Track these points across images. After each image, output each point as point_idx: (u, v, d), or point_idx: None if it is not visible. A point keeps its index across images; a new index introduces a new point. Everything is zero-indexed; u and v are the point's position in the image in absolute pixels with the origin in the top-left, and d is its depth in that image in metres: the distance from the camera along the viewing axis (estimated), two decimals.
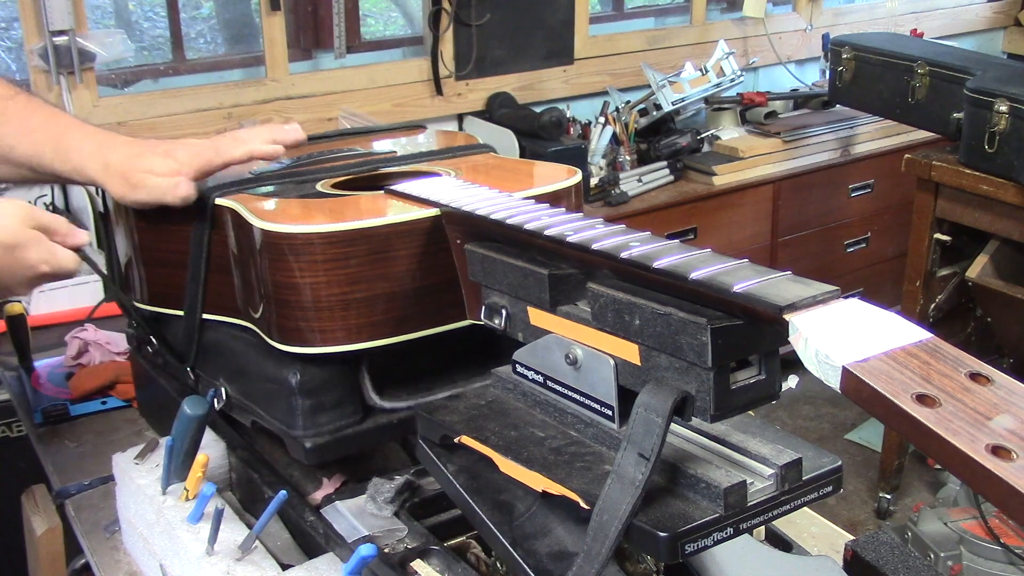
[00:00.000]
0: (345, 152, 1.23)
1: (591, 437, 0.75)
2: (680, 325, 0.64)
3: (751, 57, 3.70)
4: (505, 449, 0.76)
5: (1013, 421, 0.46)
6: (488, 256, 0.82)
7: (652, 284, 0.68)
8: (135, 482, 1.04)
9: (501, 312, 0.83)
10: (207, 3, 3.15)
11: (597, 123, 3.15)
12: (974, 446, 0.44)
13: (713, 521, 0.65)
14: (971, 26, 4.42)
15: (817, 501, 0.71)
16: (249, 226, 0.94)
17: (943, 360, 0.51)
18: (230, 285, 1.03)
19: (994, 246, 2.47)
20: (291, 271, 0.91)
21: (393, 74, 3.07)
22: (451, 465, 0.82)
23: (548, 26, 3.29)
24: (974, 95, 2.26)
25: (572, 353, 0.74)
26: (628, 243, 0.70)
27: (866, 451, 3.09)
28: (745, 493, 0.66)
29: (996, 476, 0.43)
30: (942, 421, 0.46)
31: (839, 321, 0.56)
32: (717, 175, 3.17)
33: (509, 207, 0.84)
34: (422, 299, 0.93)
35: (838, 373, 0.52)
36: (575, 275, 0.76)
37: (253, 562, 0.92)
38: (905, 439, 0.48)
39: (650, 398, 0.66)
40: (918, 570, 0.98)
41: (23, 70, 2.62)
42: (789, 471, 0.69)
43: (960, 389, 0.48)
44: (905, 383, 0.49)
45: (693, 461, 0.69)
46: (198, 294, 1.06)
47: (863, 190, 3.53)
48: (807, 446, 0.71)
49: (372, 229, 0.91)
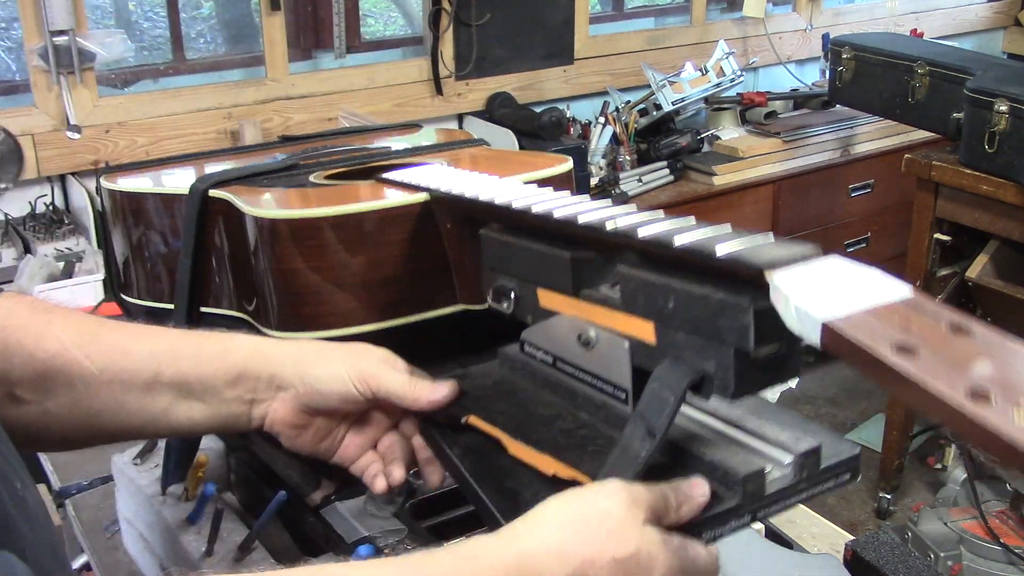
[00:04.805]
0: (339, 148, 1.23)
1: (603, 420, 0.73)
2: (719, 307, 0.62)
3: (751, 57, 3.70)
4: (514, 431, 0.74)
5: (993, 368, 0.46)
6: (505, 241, 0.81)
7: (648, 257, 0.67)
8: (135, 482, 1.04)
9: (509, 295, 0.81)
10: (207, 3, 3.15)
11: (597, 123, 3.15)
12: (954, 391, 0.44)
13: (732, 509, 0.64)
14: (971, 26, 4.42)
15: (836, 489, 0.69)
16: (240, 214, 0.94)
17: (924, 314, 0.51)
18: (224, 276, 1.03)
19: (994, 246, 2.46)
20: (282, 257, 0.91)
21: (393, 74, 3.07)
22: (456, 448, 0.79)
23: (548, 26, 3.29)
24: (974, 95, 2.26)
25: (584, 334, 0.73)
26: (620, 216, 0.69)
27: (866, 451, 3.09)
28: (764, 481, 0.65)
29: (976, 419, 0.43)
30: (922, 369, 0.46)
31: (820, 278, 0.56)
32: (717, 175, 3.17)
33: (499, 190, 0.83)
34: (414, 283, 0.93)
35: (818, 328, 0.52)
36: (597, 258, 0.74)
37: (253, 562, 0.92)
38: (886, 389, 0.48)
39: (665, 374, 0.64)
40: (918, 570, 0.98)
41: (23, 70, 2.62)
42: (808, 459, 0.67)
43: (941, 340, 0.48)
44: (885, 335, 0.49)
45: (710, 447, 0.68)
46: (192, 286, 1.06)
47: (863, 190, 3.53)
48: (825, 432, 0.70)
49: (363, 213, 0.90)
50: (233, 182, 1.04)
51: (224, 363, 0.78)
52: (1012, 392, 0.44)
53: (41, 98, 2.53)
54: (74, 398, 0.76)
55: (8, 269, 2.31)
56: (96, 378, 0.76)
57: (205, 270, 1.05)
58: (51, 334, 0.76)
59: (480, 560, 0.60)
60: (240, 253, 0.98)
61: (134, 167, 1.23)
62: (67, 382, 0.76)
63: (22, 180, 2.50)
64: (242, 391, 0.78)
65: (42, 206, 2.55)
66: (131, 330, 0.80)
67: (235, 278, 1.01)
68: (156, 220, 1.09)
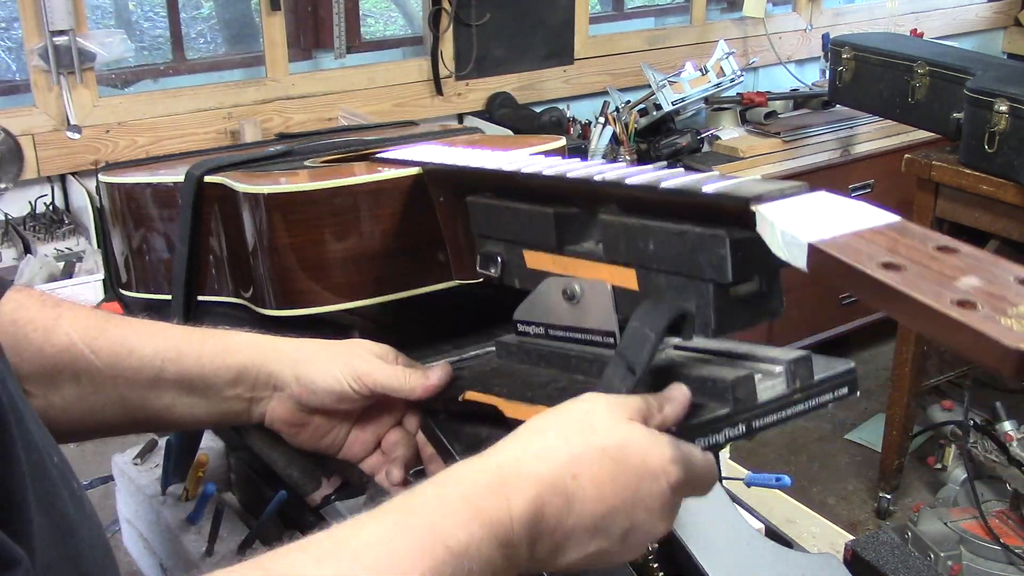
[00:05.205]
0: (336, 140, 1.23)
1: (596, 374, 0.73)
2: (698, 241, 0.62)
3: (751, 57, 3.70)
4: (510, 395, 0.74)
5: (978, 280, 0.47)
6: (491, 204, 0.81)
7: (630, 205, 0.67)
8: (135, 482, 1.04)
9: (496, 260, 0.81)
10: (207, 3, 3.15)
11: (597, 123, 3.15)
12: (940, 301, 0.45)
13: (723, 416, 0.64)
14: (971, 26, 4.42)
15: (835, 403, 0.68)
16: (235, 196, 0.95)
17: (911, 236, 0.52)
18: (221, 262, 1.03)
19: (994, 246, 2.46)
20: (275, 232, 0.91)
21: (393, 74, 3.07)
22: (458, 444, 0.79)
23: (548, 26, 3.29)
24: (974, 95, 2.26)
25: (569, 288, 0.73)
26: (608, 171, 0.70)
27: (866, 451, 3.09)
28: (754, 388, 0.65)
29: (962, 324, 0.44)
30: (908, 281, 0.47)
31: (806, 210, 0.57)
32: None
33: (489, 159, 0.84)
34: (409, 258, 0.93)
35: (804, 251, 0.52)
36: (580, 213, 0.74)
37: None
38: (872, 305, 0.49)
39: (645, 313, 0.65)
40: (918, 570, 0.98)
41: (23, 70, 2.62)
42: (799, 368, 0.67)
43: (927, 258, 0.49)
44: (871, 254, 0.50)
45: (697, 366, 0.68)
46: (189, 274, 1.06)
47: (863, 190, 3.53)
48: (819, 356, 0.70)
49: (355, 187, 0.90)
50: (228, 168, 1.04)
51: (224, 362, 0.78)
52: (998, 301, 0.45)
53: (41, 98, 2.53)
54: (79, 393, 0.77)
55: (8, 269, 2.31)
56: (101, 374, 0.77)
57: (202, 257, 1.05)
58: (59, 329, 0.76)
59: (463, 482, 0.58)
60: (236, 236, 0.98)
61: (133, 164, 1.24)
62: (73, 377, 0.76)
63: (22, 180, 2.50)
64: (241, 390, 0.78)
65: (42, 206, 2.55)
66: (137, 327, 0.80)
67: (232, 263, 1.01)
68: (154, 212, 1.09)
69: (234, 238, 0.98)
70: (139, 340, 0.78)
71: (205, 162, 1.04)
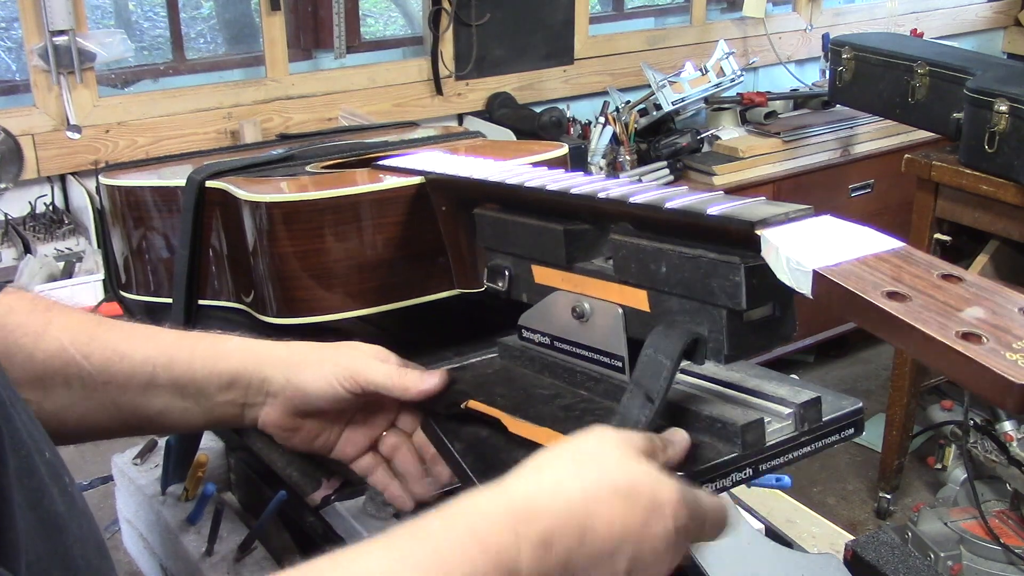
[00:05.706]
0: (336, 143, 1.23)
1: (601, 393, 0.73)
2: (711, 267, 0.62)
3: (751, 57, 3.70)
4: (513, 409, 0.74)
5: (983, 311, 0.47)
6: (499, 218, 0.81)
7: (640, 224, 0.67)
8: (135, 482, 1.04)
9: (504, 273, 0.81)
10: (207, 3, 3.15)
11: (597, 123, 3.15)
12: (945, 333, 0.45)
13: (731, 460, 0.64)
14: (971, 26, 4.42)
15: (839, 444, 0.69)
16: (237, 202, 0.94)
17: (915, 264, 0.52)
18: (222, 267, 1.03)
19: (994, 246, 2.46)
20: (277, 241, 0.91)
21: (393, 74, 3.07)
22: (458, 443, 0.79)
23: (548, 26, 3.29)
24: (974, 95, 2.26)
25: (579, 307, 0.73)
26: (617, 188, 0.69)
27: (866, 451, 3.09)
28: (763, 431, 0.65)
29: (967, 358, 0.44)
30: (912, 312, 0.47)
31: (812, 233, 0.56)
32: (717, 175, 3.17)
33: (493, 170, 0.83)
34: (411, 268, 0.93)
35: (809, 278, 0.52)
36: (590, 230, 0.74)
37: (253, 562, 0.92)
38: (876, 333, 0.49)
39: (659, 339, 0.64)
40: (918, 570, 0.98)
41: (23, 70, 2.62)
42: (808, 410, 0.67)
43: (931, 287, 0.49)
44: (876, 282, 0.49)
45: (707, 404, 0.68)
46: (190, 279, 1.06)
47: (863, 190, 3.53)
48: (827, 391, 0.70)
49: (358, 196, 0.90)
50: (230, 173, 1.04)
51: (216, 368, 0.78)
52: (1003, 334, 0.45)
53: (41, 98, 2.53)
54: (71, 398, 0.76)
55: (8, 269, 2.31)
56: (93, 379, 0.76)
57: (203, 262, 1.05)
58: (50, 334, 0.76)
59: (471, 516, 0.57)
60: (237, 242, 0.98)
61: (133, 165, 1.23)
62: (64, 382, 0.76)
63: (22, 180, 2.50)
64: (234, 396, 0.78)
65: (42, 206, 2.55)
66: (129, 331, 0.80)
67: (233, 268, 1.01)
68: (154, 214, 1.09)
69: (235, 244, 0.98)
70: (130, 345, 0.78)
71: (207, 167, 1.04)
